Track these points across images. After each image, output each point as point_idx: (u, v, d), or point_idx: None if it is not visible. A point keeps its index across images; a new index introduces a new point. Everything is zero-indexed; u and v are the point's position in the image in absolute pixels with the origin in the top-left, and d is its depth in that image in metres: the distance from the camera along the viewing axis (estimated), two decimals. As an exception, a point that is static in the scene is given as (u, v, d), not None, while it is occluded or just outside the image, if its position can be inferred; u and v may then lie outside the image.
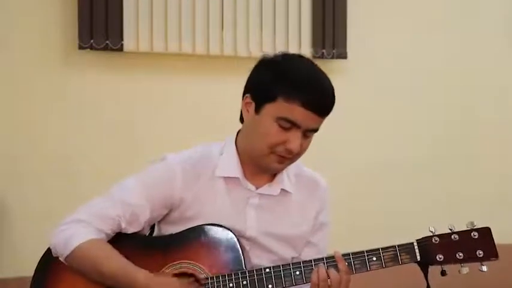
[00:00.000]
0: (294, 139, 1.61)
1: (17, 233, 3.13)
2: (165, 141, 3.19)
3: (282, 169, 1.71)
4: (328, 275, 1.57)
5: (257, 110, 1.64)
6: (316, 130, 1.65)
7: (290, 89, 1.58)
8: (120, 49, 3.17)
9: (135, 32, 3.22)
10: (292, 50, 3.45)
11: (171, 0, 3.28)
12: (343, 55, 3.54)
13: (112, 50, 3.16)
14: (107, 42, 3.15)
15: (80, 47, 3.12)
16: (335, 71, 3.57)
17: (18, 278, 2.96)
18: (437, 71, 3.82)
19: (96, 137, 3.24)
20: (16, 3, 3.11)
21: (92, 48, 3.12)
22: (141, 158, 1.78)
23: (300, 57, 1.72)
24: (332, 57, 3.51)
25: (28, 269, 1.74)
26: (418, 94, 3.80)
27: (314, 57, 3.45)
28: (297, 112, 1.58)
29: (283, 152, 1.63)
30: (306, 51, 3.47)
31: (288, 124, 1.60)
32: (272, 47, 3.39)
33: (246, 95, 1.68)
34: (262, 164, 1.67)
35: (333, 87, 1.65)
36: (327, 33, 3.50)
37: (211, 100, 3.38)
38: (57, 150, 3.18)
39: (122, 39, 3.17)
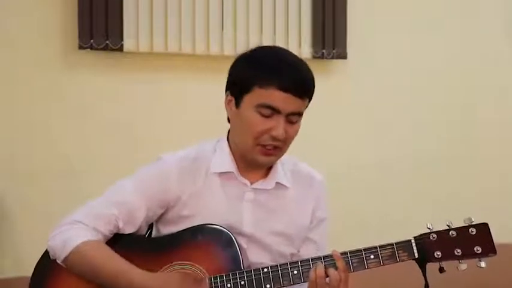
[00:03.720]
0: (277, 125, 1.60)
1: (17, 233, 3.13)
2: (165, 141, 3.19)
3: (271, 162, 1.69)
4: (326, 274, 1.56)
5: (237, 104, 1.65)
6: (299, 114, 1.63)
7: (264, 75, 1.59)
8: (120, 49, 3.17)
9: (135, 32, 3.21)
10: (292, 50, 3.37)
11: (171, 0, 3.28)
12: (343, 55, 3.54)
13: (112, 50, 3.16)
14: (107, 42, 3.15)
15: (80, 47, 3.12)
16: (335, 71, 3.58)
17: (18, 278, 2.95)
18: (438, 71, 3.82)
19: (96, 137, 3.23)
20: (16, 3, 3.11)
21: (92, 48, 3.12)
22: (141, 158, 1.78)
23: (273, 46, 1.74)
24: (332, 57, 3.50)
25: (28, 269, 1.73)
26: (418, 94, 3.80)
27: (314, 57, 3.44)
28: (275, 96, 1.58)
29: (268, 141, 1.61)
30: (306, 51, 3.46)
31: (269, 111, 1.59)
32: (272, 47, 3.40)
33: (226, 93, 1.70)
34: (250, 158, 1.66)
35: (310, 70, 1.65)
36: (327, 33, 3.50)
37: (211, 100, 3.35)
38: (57, 150, 3.18)
39: (122, 39, 3.17)
